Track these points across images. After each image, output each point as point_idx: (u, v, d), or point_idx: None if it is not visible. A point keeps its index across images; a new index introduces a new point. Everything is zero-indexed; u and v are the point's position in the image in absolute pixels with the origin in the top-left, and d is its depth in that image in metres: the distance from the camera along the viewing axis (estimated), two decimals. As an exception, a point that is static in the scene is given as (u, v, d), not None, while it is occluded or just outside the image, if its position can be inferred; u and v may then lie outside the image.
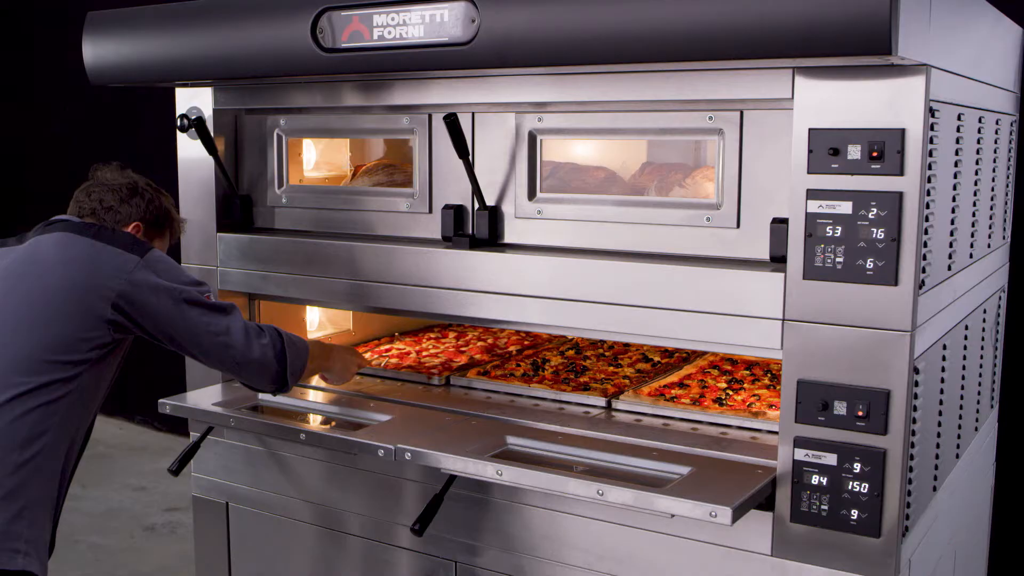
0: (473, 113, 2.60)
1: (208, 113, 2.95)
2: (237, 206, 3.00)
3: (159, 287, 2.32)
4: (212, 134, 2.92)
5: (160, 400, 2.76)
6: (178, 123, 2.93)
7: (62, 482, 2.34)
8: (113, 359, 2.38)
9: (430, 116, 2.67)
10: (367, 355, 3.11)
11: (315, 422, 2.76)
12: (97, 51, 2.80)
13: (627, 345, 3.30)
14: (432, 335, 3.53)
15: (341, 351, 2.79)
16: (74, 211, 2.49)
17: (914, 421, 2.11)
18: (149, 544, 5.24)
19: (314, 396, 2.87)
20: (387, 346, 3.32)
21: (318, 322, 3.33)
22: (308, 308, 3.23)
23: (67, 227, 2.39)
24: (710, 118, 2.31)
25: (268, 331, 2.48)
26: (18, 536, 2.18)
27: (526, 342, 3.38)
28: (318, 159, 3.19)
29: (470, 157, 2.56)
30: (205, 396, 2.86)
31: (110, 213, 2.47)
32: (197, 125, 2.88)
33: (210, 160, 2.95)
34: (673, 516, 2.12)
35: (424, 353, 3.21)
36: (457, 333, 3.54)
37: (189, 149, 3.00)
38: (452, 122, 2.47)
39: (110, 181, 2.54)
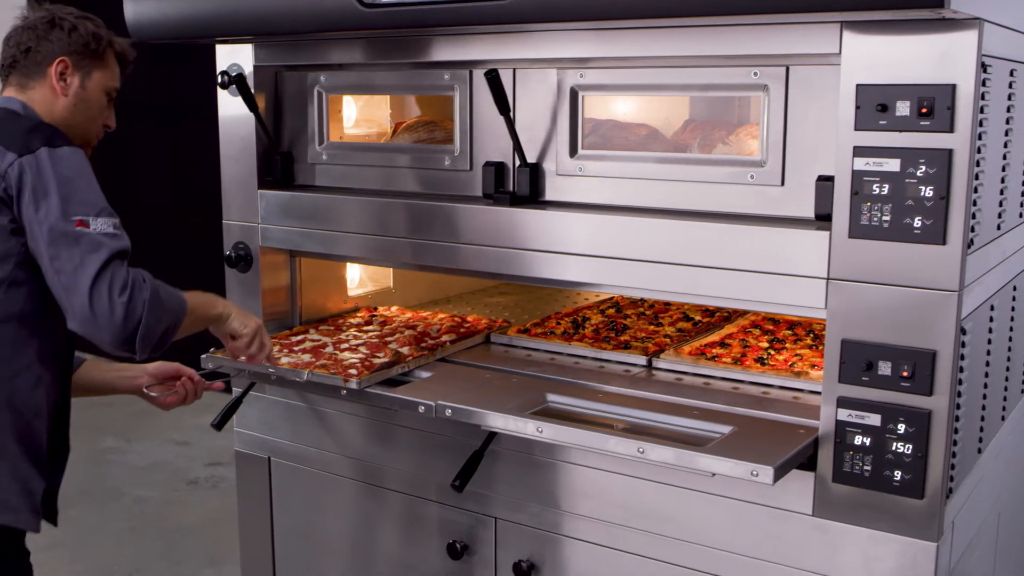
0: (514, 69, 2.58)
1: (248, 70, 2.94)
2: (278, 163, 3.01)
3: (35, 189, 2.14)
4: (252, 91, 2.92)
5: (203, 355, 2.78)
6: (219, 80, 2.93)
7: (29, 427, 2.24)
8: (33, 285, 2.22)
9: (471, 72, 2.65)
10: (275, 348, 2.78)
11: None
12: (139, 7, 2.80)
13: (668, 304, 3.28)
14: (355, 321, 3.15)
15: (239, 308, 2.54)
16: (3, 62, 2.39)
17: (960, 382, 2.09)
18: (192, 497, 5.32)
19: (355, 353, 2.88)
20: (300, 336, 2.95)
21: (359, 279, 3.34)
22: (348, 265, 3.24)
23: None
24: (755, 74, 2.27)
25: (136, 285, 2.15)
26: None
27: (462, 329, 2.98)
28: (358, 116, 3.18)
29: (511, 113, 2.54)
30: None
31: (29, 55, 2.33)
32: (238, 82, 2.88)
33: (251, 117, 2.95)
34: (714, 475, 2.12)
35: (342, 346, 2.84)
36: (383, 319, 3.16)
37: (230, 106, 3.00)
38: (493, 78, 2.45)
39: (28, 20, 2.39)
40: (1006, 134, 2.25)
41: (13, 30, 2.39)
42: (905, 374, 2.04)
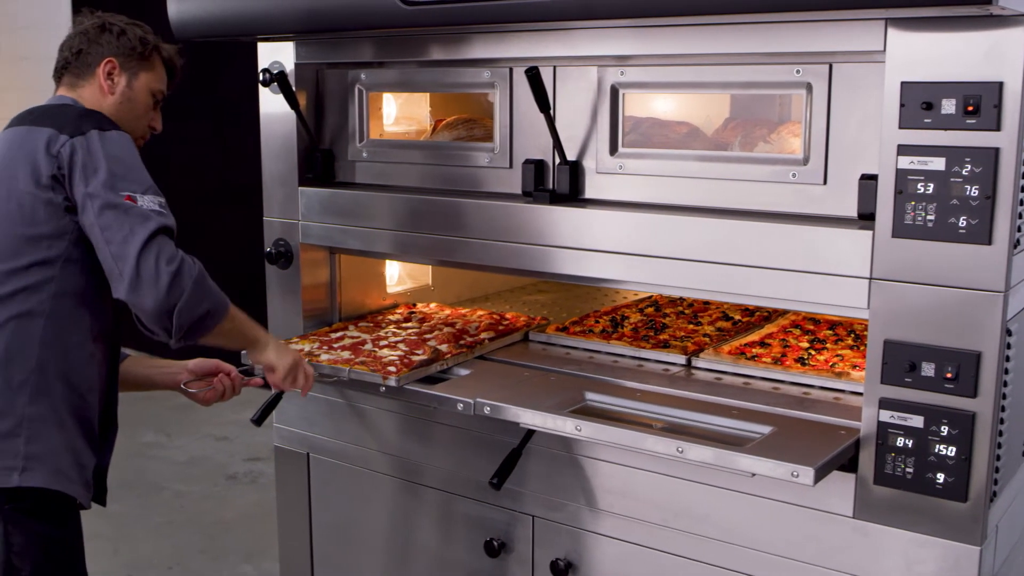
0: (555, 67, 2.57)
1: (290, 68, 2.96)
2: (318, 160, 3.02)
3: (86, 167, 2.22)
4: (294, 89, 2.93)
5: (244, 351, 2.80)
6: (260, 77, 2.95)
7: (83, 400, 2.31)
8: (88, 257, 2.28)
9: (511, 70, 2.65)
10: (315, 345, 2.84)
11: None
12: (182, 6, 2.82)
13: (707, 303, 3.26)
14: (394, 318, 3.14)
15: (279, 341, 2.57)
16: (56, 68, 2.51)
17: (1005, 384, 2.06)
18: (231, 493, 5.37)
19: (393, 350, 2.89)
20: (339, 333, 2.96)
21: (398, 276, 3.35)
22: (387, 262, 3.25)
23: (12, 123, 2.37)
24: (798, 72, 2.25)
25: (185, 261, 2.21)
26: (14, 453, 2.21)
27: (501, 327, 2.97)
28: (398, 114, 3.19)
29: (551, 111, 2.54)
30: (287, 348, 2.89)
31: (80, 57, 2.46)
32: (279, 79, 2.89)
33: (292, 115, 2.96)
34: (754, 475, 2.11)
35: (382, 343, 2.84)
36: (422, 316, 3.16)
37: (271, 104, 3.02)
38: (534, 76, 2.44)
39: (81, 26, 2.52)
40: (1054, 133, 2.22)
41: (69, 35, 2.51)
42: (949, 375, 2.02)
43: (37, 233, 2.25)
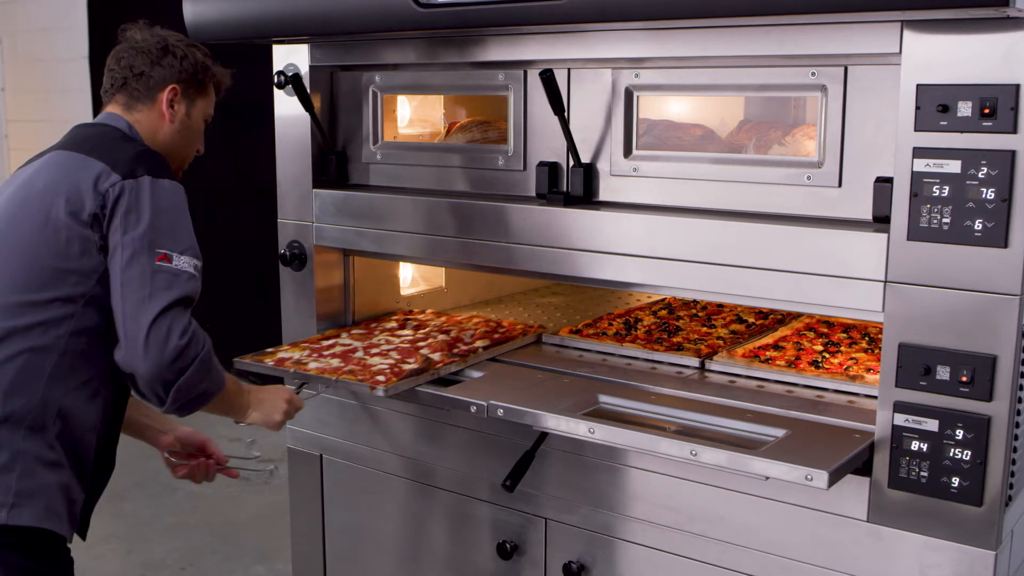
0: (569, 69, 2.57)
1: (304, 70, 2.97)
2: (332, 162, 3.03)
3: (129, 213, 2.17)
4: (308, 91, 2.94)
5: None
6: (275, 80, 2.96)
7: (82, 439, 2.25)
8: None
9: (525, 72, 2.65)
10: (305, 353, 2.79)
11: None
12: (198, 8, 2.83)
13: (720, 306, 3.26)
14: (389, 325, 3.08)
15: (265, 391, 2.54)
16: (107, 83, 2.42)
17: (1021, 388, 2.05)
18: (245, 493, 5.38)
19: (407, 352, 2.89)
20: (331, 341, 2.91)
21: (411, 279, 3.35)
22: (401, 264, 3.25)
23: (65, 144, 2.31)
24: (813, 74, 2.24)
25: (196, 337, 2.18)
26: (5, 488, 2.12)
27: (496, 335, 2.91)
28: (412, 116, 3.20)
29: (565, 114, 2.54)
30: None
31: (142, 80, 2.38)
32: (294, 82, 2.90)
33: (306, 117, 2.97)
34: (768, 479, 2.10)
35: (373, 351, 2.80)
36: (417, 323, 3.10)
37: (285, 106, 3.03)
38: (548, 78, 2.44)
39: (140, 43, 2.41)
40: (1071, 136, 2.21)
41: (124, 50, 2.43)
42: (964, 379, 2.01)
43: (67, 267, 2.19)
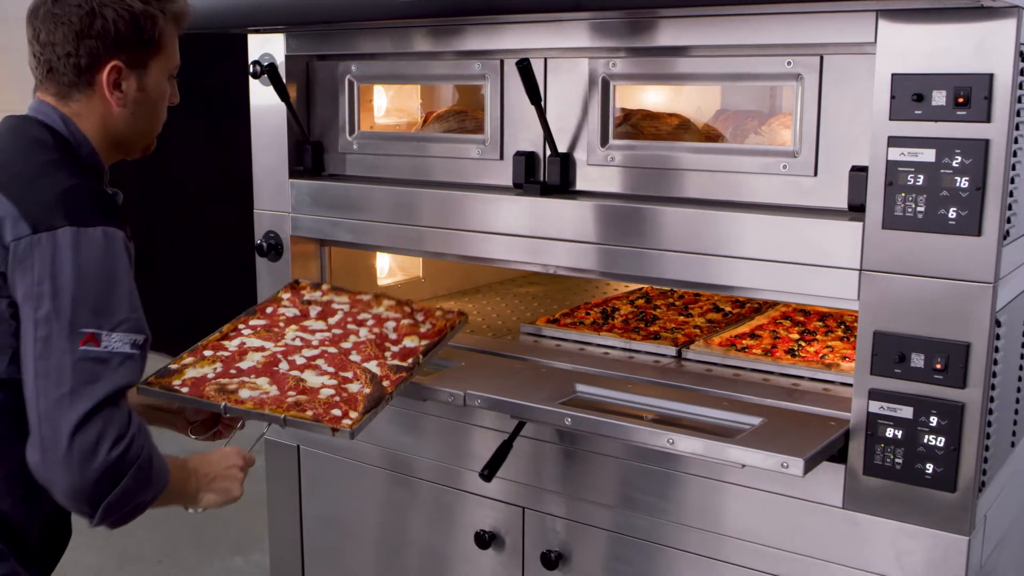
0: (545, 59, 2.57)
1: (280, 59, 2.95)
2: (309, 153, 3.02)
3: (42, 281, 1.71)
4: (284, 81, 2.92)
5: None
6: (251, 70, 2.94)
7: (17, 531, 1.89)
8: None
9: (502, 62, 2.65)
10: (219, 364, 2.39)
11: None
12: (171, -4, 2.81)
13: (697, 295, 3.27)
14: (288, 311, 2.70)
15: (210, 464, 2.16)
16: (31, 61, 1.94)
17: (994, 375, 2.07)
18: (221, 485, 5.35)
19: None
20: (237, 342, 2.52)
21: (388, 269, 3.34)
22: (378, 255, 3.24)
23: None
24: (788, 63, 2.25)
25: (133, 442, 1.76)
26: None
27: (422, 331, 2.58)
28: (389, 106, 3.19)
29: (542, 103, 2.53)
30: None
31: (70, 62, 1.88)
32: (270, 71, 2.89)
33: (282, 107, 2.95)
34: (744, 466, 2.11)
35: (298, 360, 2.43)
36: (320, 308, 2.70)
37: (261, 96, 3.01)
38: (524, 67, 2.44)
39: (57, 10, 1.87)
40: (1043, 125, 2.23)
41: (41, 19, 1.91)
42: (938, 366, 2.03)
43: None
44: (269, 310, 2.71)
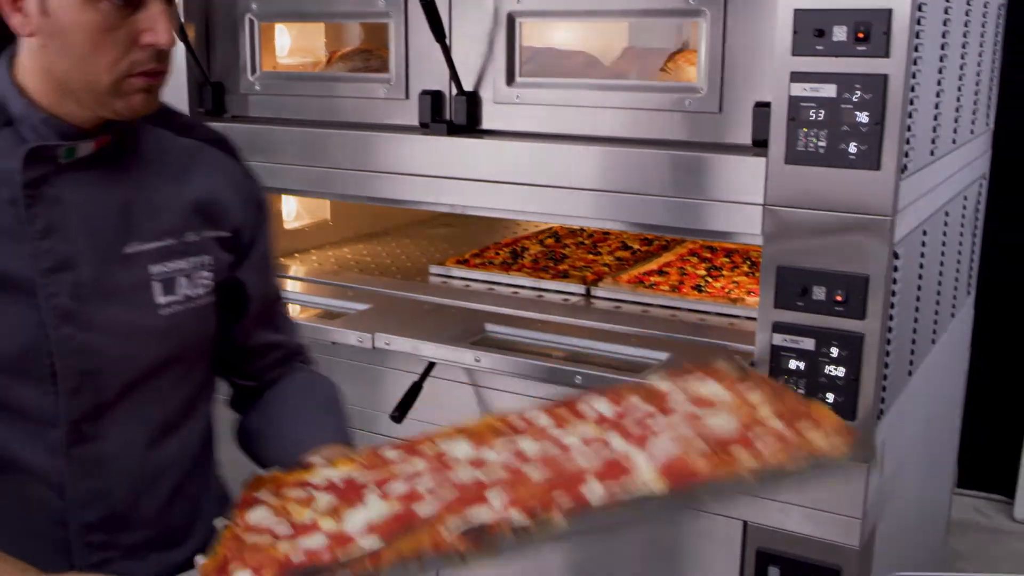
0: (450, -5, 2.53)
1: (177, -4, 2.86)
2: (209, 93, 2.94)
3: None
4: (182, 20, 2.83)
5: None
6: (146, 7, 2.84)
7: None
8: None
9: (406, -2, 2.60)
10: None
11: (292, 311, 2.75)
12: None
13: (606, 233, 3.28)
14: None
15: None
16: None
17: (892, 306, 2.11)
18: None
19: (291, 286, 2.84)
20: None
21: (295, 212, 3.29)
22: (284, 198, 3.18)
23: None
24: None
25: None
26: None
27: None
28: (292, 45, 3.11)
29: (447, 40, 2.50)
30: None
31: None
32: (166, 9, 2.79)
33: (181, 47, 2.87)
34: (652, 401, 2.13)
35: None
36: None
37: (158, 34, 2.91)
38: (428, 4, 2.40)
39: None
40: (941, 60, 2.26)
41: None
42: (839, 299, 2.06)
43: None
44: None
